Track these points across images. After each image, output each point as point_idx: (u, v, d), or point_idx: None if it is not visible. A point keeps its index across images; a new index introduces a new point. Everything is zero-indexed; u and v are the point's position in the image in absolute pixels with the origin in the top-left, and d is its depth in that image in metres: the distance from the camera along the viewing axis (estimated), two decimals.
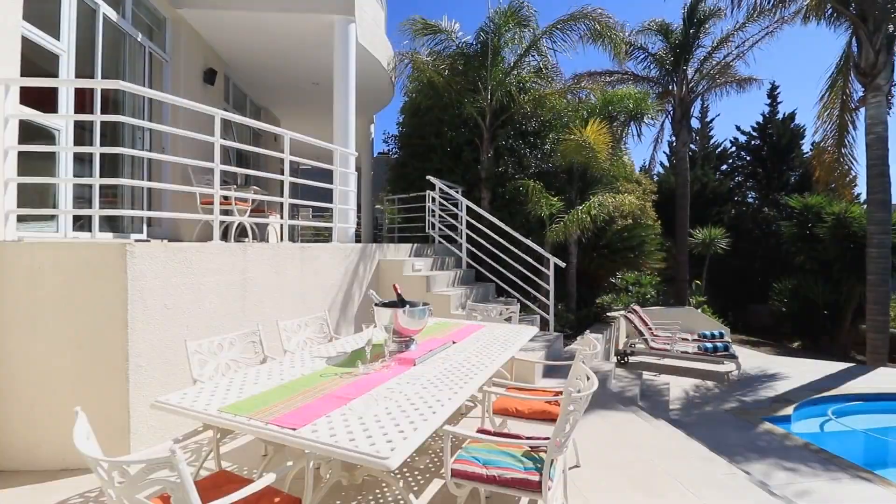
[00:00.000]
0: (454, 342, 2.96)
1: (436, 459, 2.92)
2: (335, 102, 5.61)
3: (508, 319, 4.29)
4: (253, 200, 6.14)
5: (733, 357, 7.87)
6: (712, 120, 24.03)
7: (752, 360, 9.45)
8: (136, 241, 3.95)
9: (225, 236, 5.86)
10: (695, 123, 21.12)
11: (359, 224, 11.60)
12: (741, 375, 7.80)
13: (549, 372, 5.11)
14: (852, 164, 9.90)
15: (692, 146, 21.07)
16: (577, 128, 7.76)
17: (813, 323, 15.60)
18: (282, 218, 4.61)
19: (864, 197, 17.23)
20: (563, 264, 6.14)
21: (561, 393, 2.69)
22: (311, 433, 1.55)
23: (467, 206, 6.86)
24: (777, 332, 17.17)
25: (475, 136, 8.50)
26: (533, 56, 8.41)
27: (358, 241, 8.32)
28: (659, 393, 6.43)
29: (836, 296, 15.11)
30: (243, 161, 9.19)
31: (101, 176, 3.22)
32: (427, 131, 8.94)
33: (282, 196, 4.47)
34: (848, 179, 11.85)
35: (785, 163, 21.53)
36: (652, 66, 13.76)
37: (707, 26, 12.88)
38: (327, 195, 5.33)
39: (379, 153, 16.39)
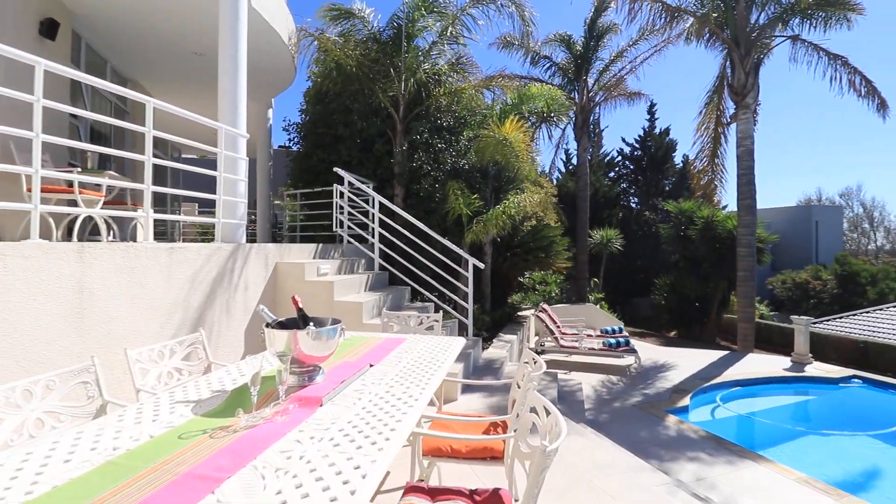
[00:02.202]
0: (371, 365, 2.40)
1: None
2: (221, 73, 4.65)
3: (430, 328, 3.82)
4: (109, 189, 4.92)
5: (633, 351, 8.33)
6: (602, 130, 26.14)
7: (644, 351, 10.14)
8: None
9: (70, 234, 4.59)
10: None
11: (254, 222, 10.35)
12: (640, 368, 8.27)
13: (474, 378, 4.75)
14: (724, 173, 11.17)
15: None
16: (495, 123, 7.58)
17: (686, 314, 17.58)
18: (147, 211, 3.61)
19: (723, 203, 20.10)
20: (482, 265, 5.86)
21: (501, 426, 2.28)
22: None
23: (380, 203, 6.27)
24: (657, 322, 19.14)
25: (388, 128, 7.92)
26: (450, 45, 8.06)
27: (253, 241, 7.27)
28: (573, 393, 6.47)
29: (705, 290, 17.21)
30: (103, 140, 7.55)
31: None
32: (334, 120, 8.13)
33: (145, 182, 3.49)
34: (712, 187, 13.33)
35: (661, 172, 24.21)
36: (556, 75, 14.41)
37: (605, 40, 13.76)
38: (214, 186, 4.39)
39: (280, 146, 14.96)
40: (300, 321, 2.08)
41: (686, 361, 8.79)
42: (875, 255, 34.35)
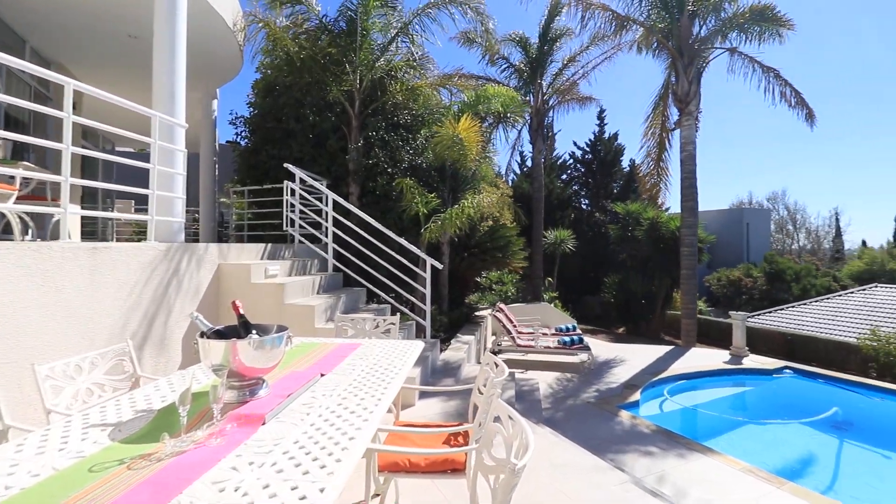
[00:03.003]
0: (322, 374, 2.23)
1: None
2: (156, 56, 4.25)
3: (387, 331, 3.67)
4: (25, 182, 4.41)
5: (587, 349, 8.53)
6: (556, 134, 26.86)
7: (595, 348, 10.42)
8: None
9: None
10: None
11: (197, 221, 9.73)
12: (593, 364, 8.49)
13: (432, 381, 4.64)
14: (668, 176, 11.70)
15: None
16: (450, 121, 7.50)
17: (634, 311, 18.39)
18: (65, 207, 3.21)
19: (667, 205, 21.17)
20: (440, 265, 5.76)
21: (462, 436, 2.18)
22: None
23: (334, 201, 6.02)
24: (607, 319, 19.90)
25: (342, 123, 7.65)
26: (405, 42, 7.91)
27: (196, 241, 6.80)
28: (531, 392, 6.50)
29: (651, 288, 18.07)
30: (20, 128, 6.79)
31: None
32: (285, 113, 7.75)
33: (63, 175, 3.10)
34: (656, 190, 13.88)
35: (609, 175, 25.20)
36: (513, 76, 14.60)
37: (559, 44, 14.08)
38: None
39: (227, 141, 14.18)
40: (241, 329, 1.89)
41: (635, 357, 9.11)
42: (798, 254, 37.58)
